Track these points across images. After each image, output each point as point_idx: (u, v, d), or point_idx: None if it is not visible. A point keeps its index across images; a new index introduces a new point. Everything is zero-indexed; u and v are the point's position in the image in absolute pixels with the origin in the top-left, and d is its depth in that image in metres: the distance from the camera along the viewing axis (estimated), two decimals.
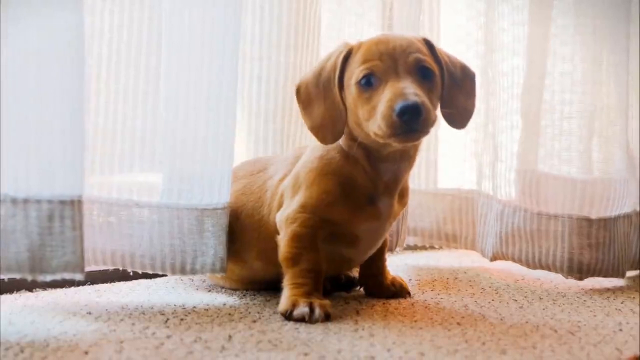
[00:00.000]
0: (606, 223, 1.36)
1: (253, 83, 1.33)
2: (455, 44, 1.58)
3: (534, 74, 1.42)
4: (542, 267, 1.38)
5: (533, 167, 1.42)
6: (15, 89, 0.93)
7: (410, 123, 0.96)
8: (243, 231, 1.14)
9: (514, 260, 1.41)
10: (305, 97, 1.08)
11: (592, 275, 1.35)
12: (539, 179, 1.41)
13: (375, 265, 1.20)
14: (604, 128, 1.43)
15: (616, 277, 1.37)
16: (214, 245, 1.11)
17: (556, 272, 1.37)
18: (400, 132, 0.97)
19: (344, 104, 1.05)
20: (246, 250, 1.15)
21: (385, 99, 0.98)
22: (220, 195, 1.12)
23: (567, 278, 1.37)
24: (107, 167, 1.12)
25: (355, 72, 1.02)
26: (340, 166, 1.08)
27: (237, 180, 1.18)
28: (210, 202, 1.11)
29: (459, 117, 1.09)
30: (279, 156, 1.23)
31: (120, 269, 1.12)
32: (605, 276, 1.36)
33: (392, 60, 1.01)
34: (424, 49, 1.05)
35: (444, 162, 1.61)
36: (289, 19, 1.33)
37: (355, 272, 1.26)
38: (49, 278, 0.95)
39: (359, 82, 1.02)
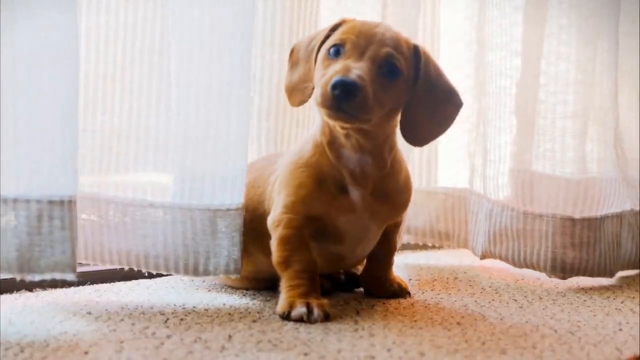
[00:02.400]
0: (590, 223, 1.36)
1: None
2: (454, 43, 1.58)
3: (529, 73, 1.42)
4: (527, 266, 1.38)
5: (520, 167, 1.42)
6: (5, 88, 0.93)
7: (340, 100, 0.96)
8: (250, 223, 1.14)
9: (501, 258, 1.41)
10: (295, 58, 1.11)
11: (577, 274, 1.35)
12: (525, 178, 1.41)
13: (379, 266, 1.19)
14: (592, 128, 1.43)
15: (603, 276, 1.37)
16: (227, 247, 1.11)
17: (540, 271, 1.37)
18: (330, 105, 0.97)
19: None
20: (252, 243, 1.15)
21: (331, 70, 0.99)
22: (233, 196, 1.11)
23: (550, 277, 1.37)
24: (123, 167, 1.12)
25: (330, 39, 1.04)
26: (309, 156, 1.08)
27: (251, 173, 1.18)
28: (223, 203, 1.11)
29: (420, 135, 1.09)
30: (286, 152, 1.23)
31: (135, 269, 1.12)
32: (591, 276, 1.36)
33: (365, 42, 1.01)
34: (406, 51, 1.04)
35: (441, 161, 1.61)
36: (283, 18, 1.33)
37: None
38: (37, 278, 0.95)
39: (328, 49, 1.03)
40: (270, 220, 1.09)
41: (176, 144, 1.11)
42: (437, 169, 1.59)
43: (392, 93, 1.03)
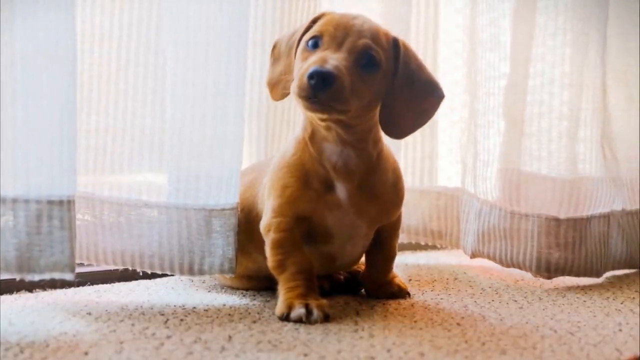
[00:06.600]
0: (576, 223, 1.36)
1: None
2: (453, 44, 1.57)
3: (517, 74, 1.42)
4: (513, 266, 1.38)
5: (508, 167, 1.42)
6: (4, 88, 0.93)
7: (316, 89, 0.96)
8: (246, 224, 1.14)
9: (489, 258, 1.41)
10: (277, 52, 1.12)
11: (562, 274, 1.36)
12: (512, 178, 1.41)
13: (378, 272, 1.19)
14: (580, 128, 1.42)
15: (590, 276, 1.38)
16: (222, 246, 1.11)
17: (526, 270, 1.37)
18: (306, 95, 0.97)
19: None
20: (248, 242, 1.15)
21: (309, 61, 0.99)
22: (228, 195, 1.12)
23: (535, 277, 1.38)
24: (118, 167, 1.13)
25: (309, 32, 1.04)
26: (291, 155, 1.08)
27: (251, 174, 1.19)
28: (218, 203, 1.11)
29: (399, 128, 1.08)
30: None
31: (130, 268, 1.13)
32: (577, 275, 1.36)
33: (343, 33, 1.01)
34: (384, 43, 1.04)
35: (438, 160, 1.61)
36: (274, 18, 1.33)
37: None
38: (37, 278, 0.95)
39: (307, 42, 1.03)
40: (262, 226, 1.09)
41: (171, 144, 1.11)
42: (432, 167, 1.59)
43: (370, 85, 1.02)
